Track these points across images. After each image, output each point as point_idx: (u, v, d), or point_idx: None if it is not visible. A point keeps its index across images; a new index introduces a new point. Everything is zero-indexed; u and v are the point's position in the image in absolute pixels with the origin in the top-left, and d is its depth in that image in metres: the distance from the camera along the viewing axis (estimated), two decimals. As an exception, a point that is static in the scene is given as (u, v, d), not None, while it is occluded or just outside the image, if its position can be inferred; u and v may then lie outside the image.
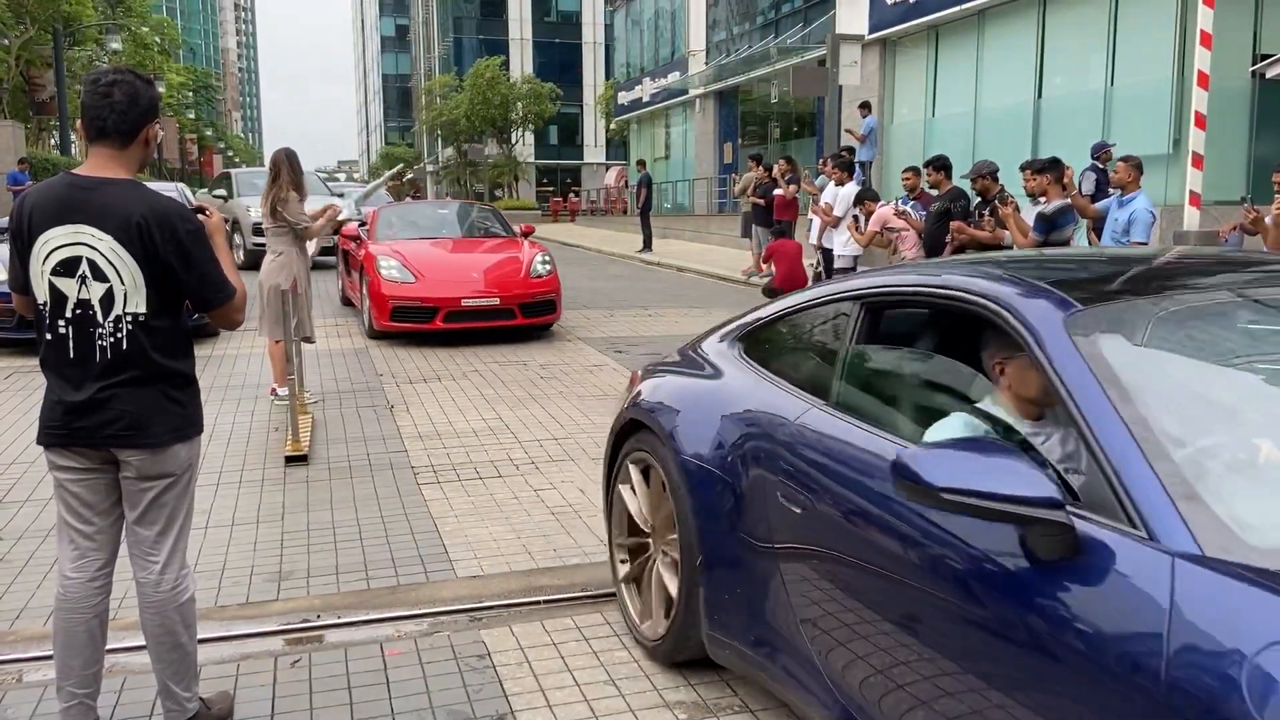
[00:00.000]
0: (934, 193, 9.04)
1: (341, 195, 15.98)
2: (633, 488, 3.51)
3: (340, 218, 8.14)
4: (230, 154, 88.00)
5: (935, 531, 2.12)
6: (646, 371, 3.78)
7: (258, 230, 15.62)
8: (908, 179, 9.70)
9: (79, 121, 2.73)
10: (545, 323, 10.12)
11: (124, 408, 2.64)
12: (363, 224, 11.40)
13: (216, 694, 3.03)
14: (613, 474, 3.69)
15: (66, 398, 2.64)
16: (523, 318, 9.75)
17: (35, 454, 5.72)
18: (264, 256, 7.07)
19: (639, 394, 3.58)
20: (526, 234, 11.36)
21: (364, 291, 10.05)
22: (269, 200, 6.91)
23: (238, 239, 16.61)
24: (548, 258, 10.34)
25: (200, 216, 2.80)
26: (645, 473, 3.44)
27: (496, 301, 9.62)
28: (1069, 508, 1.85)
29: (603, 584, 4.00)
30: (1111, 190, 8.50)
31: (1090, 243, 8.44)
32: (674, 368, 3.60)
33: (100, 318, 2.62)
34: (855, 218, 10.01)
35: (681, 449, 3.09)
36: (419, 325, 9.47)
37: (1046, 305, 2.21)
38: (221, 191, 18.54)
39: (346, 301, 11.95)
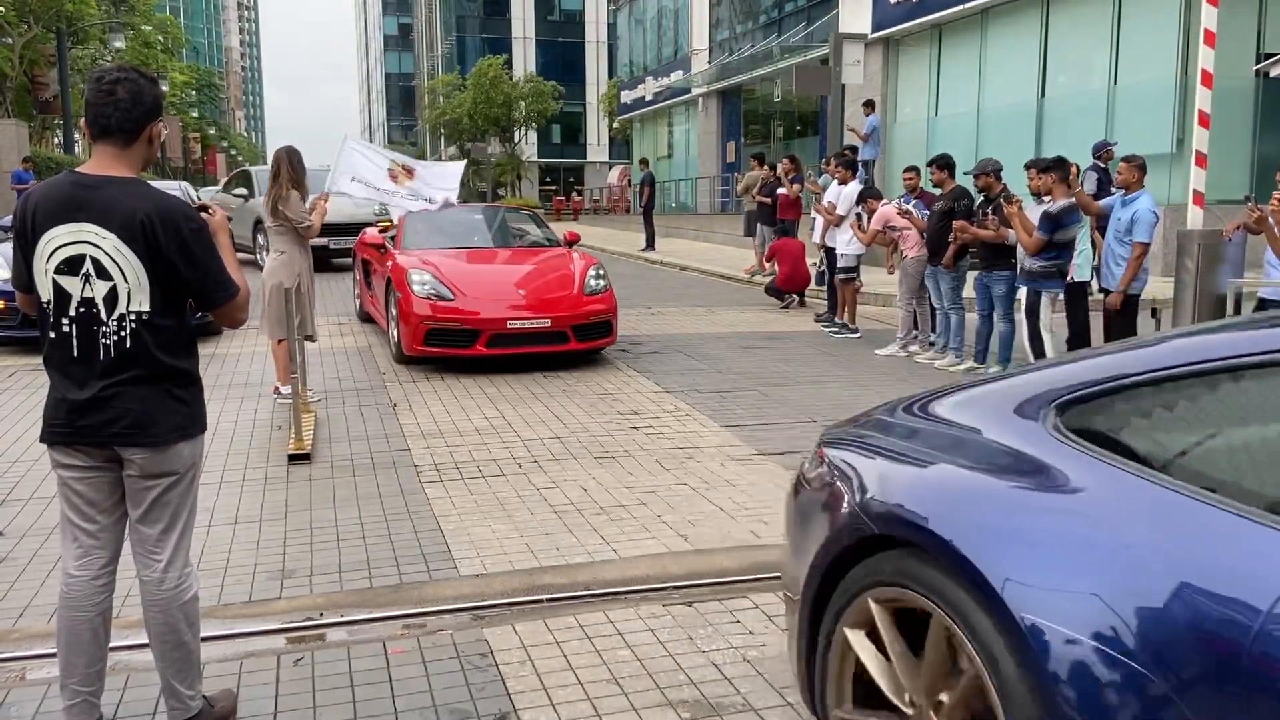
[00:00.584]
0: (937, 191, 9.03)
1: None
2: (870, 635, 2.27)
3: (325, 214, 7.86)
4: (233, 153, 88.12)
5: None
6: (846, 444, 2.59)
7: None
8: (909, 178, 9.68)
9: (83, 120, 2.73)
10: (600, 347, 8.80)
11: (127, 406, 2.64)
12: (384, 230, 10.38)
13: (220, 692, 3.03)
14: (825, 608, 2.41)
15: (70, 396, 2.65)
16: (576, 342, 8.39)
17: (38, 452, 5.73)
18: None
19: (867, 492, 2.33)
20: (571, 242, 10.10)
21: (391, 309, 8.75)
22: (270, 199, 6.94)
23: (261, 239, 15.83)
24: (601, 271, 9.05)
25: (204, 215, 2.80)
26: (898, 616, 2.20)
27: (547, 323, 8.28)
28: None
29: (605, 583, 4.00)
30: (1113, 190, 8.49)
31: (1094, 242, 8.44)
32: (914, 448, 2.39)
33: (104, 316, 2.62)
34: (858, 216, 10.00)
35: (1012, 600, 1.83)
36: (457, 350, 8.20)
37: None
38: (242, 191, 17.21)
39: (366, 317, 10.78)
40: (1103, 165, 10.65)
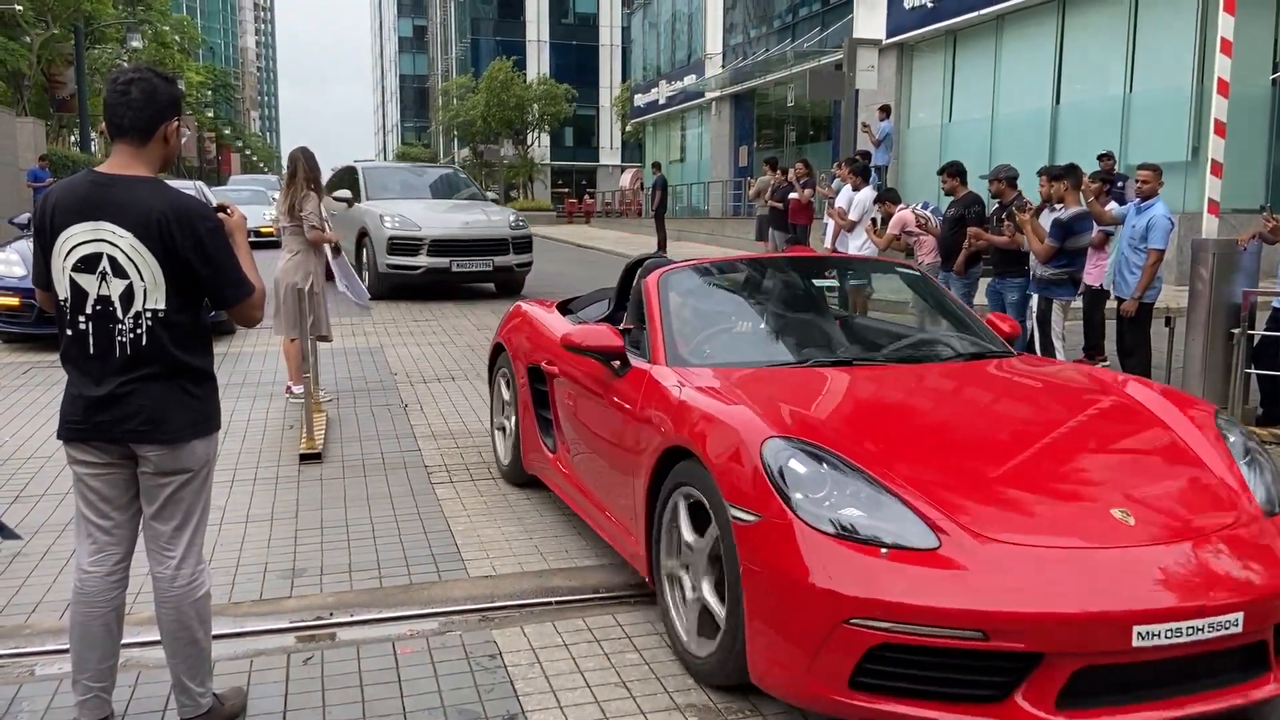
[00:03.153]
0: (949, 198, 8.98)
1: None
2: None
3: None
4: (248, 153, 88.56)
5: None
6: None
7: (399, 247, 12.25)
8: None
9: (103, 120, 2.77)
10: None
11: (143, 403, 2.66)
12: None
13: (230, 689, 3.05)
14: None
15: (87, 393, 2.67)
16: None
17: (53, 448, 5.76)
18: (281, 255, 7.11)
19: None
20: (1013, 338, 4.45)
21: (685, 552, 3.31)
22: (288, 199, 6.98)
23: (366, 255, 12.81)
24: (1252, 440, 3.43)
25: (220, 214, 2.82)
26: None
27: (1236, 625, 2.64)
28: None
29: (614, 586, 4.00)
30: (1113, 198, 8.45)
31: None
32: None
33: (120, 314, 2.64)
34: (874, 219, 9.97)
35: None
36: (963, 711, 2.60)
37: None
38: (345, 193, 13.23)
39: (526, 478, 5.16)
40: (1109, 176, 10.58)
